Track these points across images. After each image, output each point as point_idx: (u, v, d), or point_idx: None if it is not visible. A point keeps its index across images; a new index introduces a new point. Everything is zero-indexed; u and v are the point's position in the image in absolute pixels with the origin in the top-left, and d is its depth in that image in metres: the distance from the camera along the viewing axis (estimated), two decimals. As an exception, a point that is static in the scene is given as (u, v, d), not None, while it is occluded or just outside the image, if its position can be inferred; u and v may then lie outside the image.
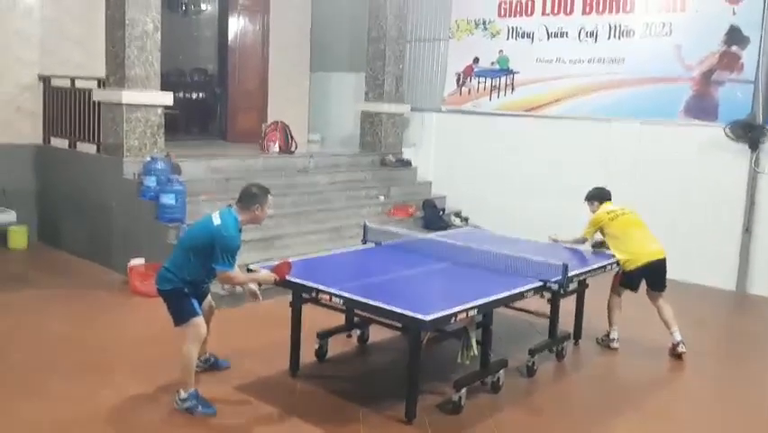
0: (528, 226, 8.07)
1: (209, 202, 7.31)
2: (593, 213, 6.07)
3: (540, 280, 4.96)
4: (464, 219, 9.87)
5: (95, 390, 4.67)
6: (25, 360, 5.15)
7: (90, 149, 8.06)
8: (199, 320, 4.42)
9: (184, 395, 4.37)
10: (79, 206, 8.13)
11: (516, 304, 5.37)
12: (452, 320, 4.24)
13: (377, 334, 5.63)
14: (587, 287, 5.93)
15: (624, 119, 8.77)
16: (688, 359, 5.80)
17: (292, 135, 9.68)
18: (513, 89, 9.79)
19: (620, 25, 8.79)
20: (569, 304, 5.82)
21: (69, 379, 4.86)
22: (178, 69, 12.16)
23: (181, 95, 11.51)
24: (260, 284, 4.73)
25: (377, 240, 6.04)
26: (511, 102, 9.82)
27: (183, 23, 12.43)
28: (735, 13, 7.95)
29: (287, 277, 4.63)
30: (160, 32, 7.56)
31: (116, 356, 5.29)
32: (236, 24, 10.94)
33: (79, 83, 8.21)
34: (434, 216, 9.43)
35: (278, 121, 9.74)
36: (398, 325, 4.54)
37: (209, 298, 4.84)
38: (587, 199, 6.16)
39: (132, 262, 6.87)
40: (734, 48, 7.99)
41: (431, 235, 6.77)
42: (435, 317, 4.09)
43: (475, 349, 4.71)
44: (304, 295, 4.82)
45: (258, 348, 5.52)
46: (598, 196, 6.13)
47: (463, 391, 4.58)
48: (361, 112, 10.72)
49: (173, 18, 11.67)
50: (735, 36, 7.97)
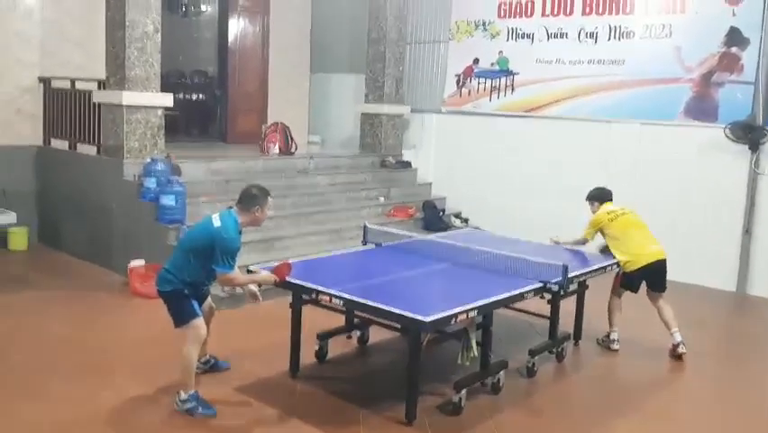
0: (528, 227, 8.09)
1: (209, 204, 7.31)
2: (594, 213, 6.08)
3: (540, 282, 4.96)
4: (464, 220, 9.87)
5: (95, 391, 4.67)
6: (26, 361, 5.15)
7: (90, 150, 8.07)
8: (199, 322, 4.42)
9: (184, 396, 4.37)
10: (79, 207, 8.13)
11: (517, 305, 5.37)
12: (453, 321, 4.24)
13: (377, 335, 5.63)
14: (587, 288, 5.93)
15: (624, 120, 8.77)
16: (688, 360, 5.80)
17: (292, 137, 9.68)
18: (513, 90, 9.80)
19: (620, 26, 8.79)
20: (569, 305, 5.82)
21: (70, 380, 4.86)
22: (178, 70, 12.18)
23: (181, 96, 11.54)
24: (260, 285, 4.73)
25: (377, 241, 6.04)
26: (511, 103, 9.83)
27: (183, 24, 12.44)
28: (734, 15, 7.95)
29: (287, 278, 4.63)
30: (160, 34, 7.56)
31: (116, 358, 5.29)
32: (236, 26, 10.95)
33: (79, 84, 8.21)
34: (434, 218, 9.43)
35: (278, 122, 9.73)
36: (398, 326, 4.55)
37: (209, 299, 4.84)
38: (588, 199, 6.16)
39: (133, 263, 6.87)
40: (734, 49, 7.99)
41: (431, 237, 6.78)
42: (435, 318, 4.09)
43: (475, 350, 4.71)
44: (304, 296, 4.82)
45: (258, 349, 5.52)
46: (598, 196, 6.12)
47: (463, 393, 4.58)
48: (361, 113, 10.73)
49: (173, 19, 11.68)
50: (735, 37, 7.97)
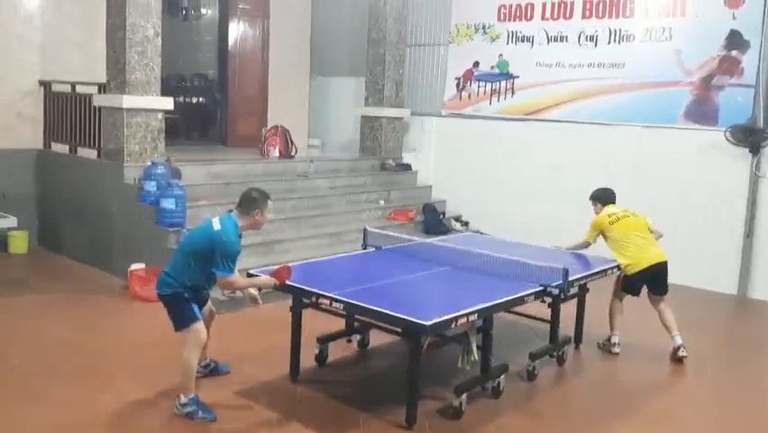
0: (528, 230, 8.09)
1: (209, 207, 7.31)
2: (596, 213, 6.06)
3: (540, 285, 4.96)
4: (464, 223, 9.87)
5: (95, 394, 4.67)
6: (26, 364, 5.14)
7: (91, 154, 8.07)
8: (200, 325, 4.42)
9: (184, 400, 4.37)
10: (80, 210, 8.13)
11: (517, 309, 5.35)
12: (453, 325, 4.24)
13: (377, 338, 5.62)
14: (587, 291, 5.92)
15: (624, 123, 8.77)
16: (689, 363, 5.79)
17: (292, 140, 9.67)
18: (513, 93, 9.80)
19: (620, 30, 8.79)
20: (570, 308, 5.82)
21: (70, 384, 4.85)
22: (178, 73, 12.17)
23: (181, 100, 11.52)
24: (260, 289, 4.73)
25: (377, 244, 6.04)
26: (511, 106, 9.83)
27: (183, 28, 12.44)
28: (735, 18, 7.95)
29: (287, 282, 4.62)
30: (160, 38, 7.56)
31: (117, 361, 5.28)
32: (236, 29, 10.96)
33: (80, 88, 8.21)
34: (434, 221, 9.42)
35: (278, 125, 9.72)
36: (399, 329, 4.53)
37: (209, 303, 4.83)
38: (591, 199, 6.14)
39: (133, 266, 6.86)
40: (734, 52, 7.99)
41: (431, 240, 6.77)
42: (436, 321, 4.09)
43: (476, 354, 4.71)
44: (304, 300, 4.82)
45: (258, 353, 5.51)
46: (600, 198, 6.09)
47: (464, 397, 4.57)
48: (361, 116, 10.73)
49: (173, 23, 11.68)
50: (735, 40, 7.97)
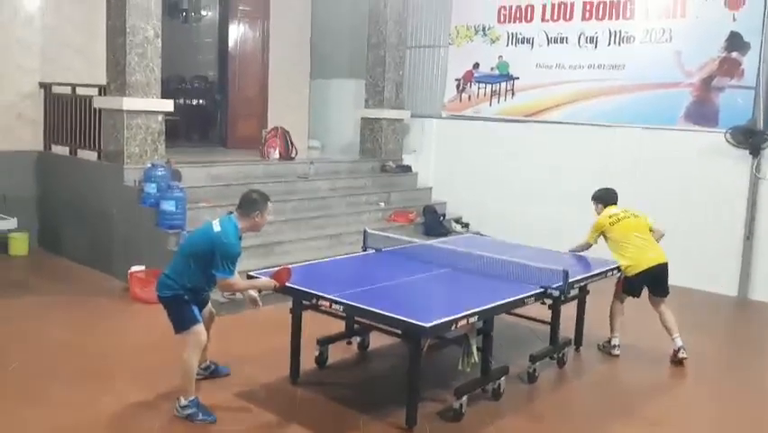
0: (529, 232, 8.10)
1: (209, 209, 7.31)
2: (597, 214, 6.05)
3: (541, 287, 4.96)
4: (465, 225, 9.87)
5: (95, 396, 4.66)
6: (26, 366, 5.14)
7: (91, 156, 8.07)
8: (200, 328, 4.42)
9: (184, 402, 4.36)
10: (80, 212, 8.13)
11: (517, 310, 5.35)
12: (453, 327, 4.24)
13: (377, 340, 5.62)
14: (588, 293, 5.92)
15: (624, 125, 8.76)
16: (689, 365, 5.79)
17: (292, 142, 9.68)
18: (513, 95, 9.80)
19: (620, 31, 8.80)
20: (570, 310, 5.81)
21: (70, 385, 4.85)
22: (178, 75, 12.19)
23: (182, 101, 11.54)
24: (260, 291, 4.73)
25: (377, 246, 6.04)
26: (511, 107, 9.83)
27: (183, 29, 12.46)
28: (735, 20, 7.96)
29: (286, 283, 4.62)
30: (160, 39, 7.57)
31: (117, 363, 5.28)
32: (236, 31, 10.97)
33: (80, 90, 8.21)
34: (434, 222, 9.42)
35: (278, 127, 9.73)
36: (399, 331, 4.52)
37: (209, 305, 4.83)
38: (592, 199, 6.13)
39: (133, 268, 6.86)
40: (734, 54, 7.99)
41: (431, 242, 6.77)
42: (436, 323, 4.09)
43: (476, 356, 4.71)
44: (304, 302, 4.82)
45: (258, 355, 5.51)
46: (602, 198, 6.07)
47: (464, 399, 4.57)
48: (361, 118, 10.73)
49: (173, 25, 11.70)
50: (735, 42, 7.97)
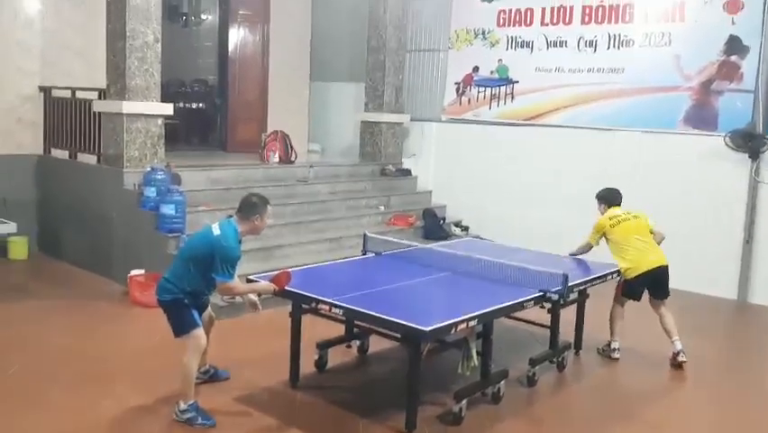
0: (528, 236, 8.10)
1: (209, 212, 7.32)
2: (601, 213, 6.04)
3: (540, 291, 4.95)
4: (464, 229, 9.87)
5: (95, 400, 4.66)
6: (26, 370, 5.13)
7: (90, 159, 8.07)
8: (199, 332, 4.41)
9: (184, 406, 4.36)
10: (80, 216, 8.13)
11: (517, 314, 5.35)
12: (453, 331, 4.23)
13: (377, 344, 5.61)
14: (587, 297, 5.92)
15: (623, 129, 8.77)
16: (689, 368, 5.79)
17: (292, 145, 9.68)
18: (513, 99, 9.81)
19: (619, 35, 8.81)
20: (569, 314, 5.81)
21: (70, 389, 4.85)
22: (178, 79, 12.19)
23: (181, 105, 11.54)
24: (259, 295, 4.73)
25: (377, 250, 6.04)
26: (511, 111, 9.84)
27: (183, 33, 12.46)
28: (734, 23, 7.97)
29: (286, 287, 4.62)
30: (160, 43, 7.57)
31: (116, 367, 5.28)
32: (236, 35, 10.98)
33: (80, 94, 8.21)
34: (434, 226, 9.43)
35: (277, 131, 9.73)
36: (398, 335, 4.52)
37: (209, 309, 4.83)
38: (596, 198, 6.13)
39: (133, 272, 6.86)
40: (733, 57, 8.01)
41: (431, 245, 6.77)
42: (435, 327, 4.09)
43: (475, 360, 4.70)
44: (303, 305, 4.82)
45: (258, 359, 5.51)
46: (606, 198, 6.07)
47: (464, 402, 4.57)
48: (361, 122, 10.75)
49: (174, 29, 11.71)
50: (734, 45, 7.99)
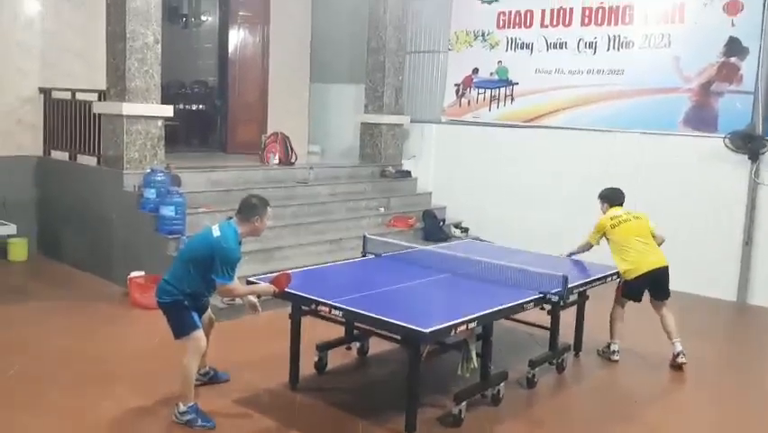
0: (528, 237, 8.10)
1: (209, 214, 7.32)
2: (603, 213, 6.04)
3: (540, 292, 4.95)
4: (464, 230, 9.87)
5: (95, 402, 4.66)
6: (26, 372, 5.13)
7: (90, 161, 8.08)
8: (199, 333, 4.42)
9: (183, 408, 4.36)
10: (79, 218, 8.12)
11: (517, 316, 5.35)
12: (452, 332, 4.23)
13: (376, 346, 5.61)
14: (587, 299, 5.92)
15: (623, 130, 8.77)
16: (688, 370, 5.79)
17: (292, 147, 9.68)
18: (512, 100, 9.82)
19: (619, 37, 8.82)
20: (569, 316, 5.81)
21: (70, 391, 4.85)
22: (178, 80, 12.20)
23: (181, 107, 11.55)
24: (259, 296, 4.73)
25: (377, 252, 6.04)
26: (511, 112, 9.84)
27: (183, 35, 12.47)
28: (734, 25, 7.98)
29: (286, 289, 4.62)
30: (160, 45, 7.57)
31: (116, 369, 5.28)
32: (236, 36, 10.99)
33: (80, 95, 8.22)
34: (434, 228, 9.43)
35: (277, 132, 9.73)
36: (398, 337, 4.53)
37: (209, 311, 4.83)
38: (599, 198, 6.12)
39: (132, 274, 6.86)
40: (733, 59, 8.02)
41: (431, 247, 6.77)
42: (435, 329, 4.09)
43: (475, 361, 4.70)
44: (303, 307, 4.82)
45: (257, 361, 5.51)
46: (608, 197, 6.06)
47: (464, 404, 4.57)
48: (361, 123, 10.75)
49: (174, 30, 11.71)
50: (734, 47, 8.00)
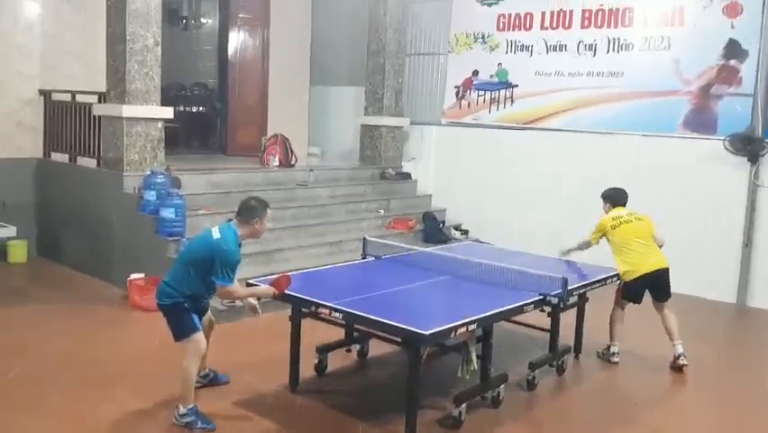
0: (528, 239, 8.10)
1: (209, 216, 7.32)
2: (606, 213, 6.04)
3: (540, 294, 4.96)
4: (464, 232, 9.87)
5: (95, 404, 4.66)
6: (26, 375, 5.13)
7: (90, 163, 8.08)
8: (199, 336, 4.42)
9: (183, 410, 4.36)
10: (79, 220, 8.12)
11: (517, 318, 5.35)
12: (452, 334, 4.24)
13: (376, 348, 5.61)
14: (587, 300, 5.91)
15: (623, 132, 8.78)
16: (689, 372, 5.79)
17: (292, 149, 9.67)
18: (512, 102, 9.83)
19: (619, 39, 8.83)
20: (569, 318, 5.81)
21: (70, 394, 4.85)
22: (178, 83, 12.19)
23: (181, 109, 11.53)
24: (259, 298, 4.73)
25: (377, 254, 6.04)
26: (510, 115, 9.85)
27: (183, 37, 12.45)
28: (733, 27, 7.99)
29: (286, 291, 4.62)
30: (160, 47, 7.58)
31: (116, 371, 5.27)
32: (236, 39, 10.99)
33: (80, 97, 8.22)
34: (434, 229, 9.42)
35: (277, 134, 9.72)
36: (398, 339, 4.53)
37: (209, 313, 4.83)
38: (601, 197, 6.12)
39: (132, 276, 6.86)
40: (732, 61, 8.02)
41: (431, 249, 6.77)
42: (435, 331, 4.09)
43: (475, 363, 4.70)
44: (303, 309, 4.82)
45: (257, 363, 5.51)
46: (611, 197, 6.05)
47: (464, 406, 4.57)
48: (361, 125, 10.75)
49: (174, 32, 11.70)
50: (733, 50, 8.00)
